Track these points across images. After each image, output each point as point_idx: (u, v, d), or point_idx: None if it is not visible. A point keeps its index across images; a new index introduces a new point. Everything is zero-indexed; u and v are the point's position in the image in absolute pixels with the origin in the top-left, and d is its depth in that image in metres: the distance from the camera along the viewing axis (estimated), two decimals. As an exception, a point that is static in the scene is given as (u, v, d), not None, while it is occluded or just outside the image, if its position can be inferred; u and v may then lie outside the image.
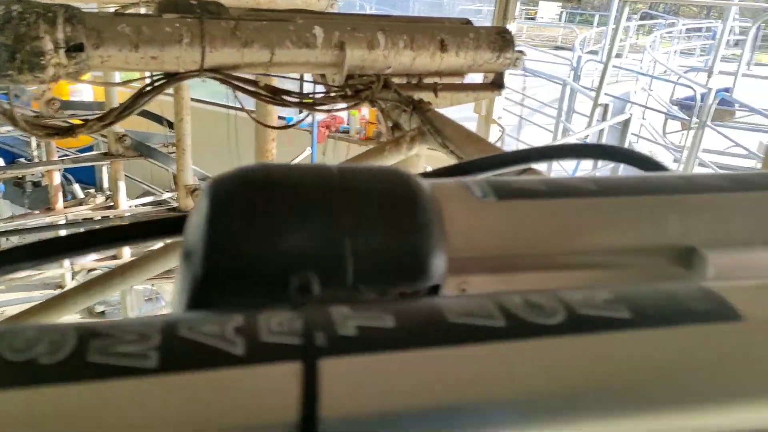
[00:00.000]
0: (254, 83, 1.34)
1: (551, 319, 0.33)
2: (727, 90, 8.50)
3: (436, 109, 1.53)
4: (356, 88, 1.45)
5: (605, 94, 8.14)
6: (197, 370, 0.27)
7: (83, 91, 5.05)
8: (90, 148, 4.96)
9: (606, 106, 5.83)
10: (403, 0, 11.92)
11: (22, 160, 5.31)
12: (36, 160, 4.48)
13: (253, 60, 1.32)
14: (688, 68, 10.95)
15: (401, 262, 0.42)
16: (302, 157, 5.23)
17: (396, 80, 1.57)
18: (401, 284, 0.41)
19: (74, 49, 1.13)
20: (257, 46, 1.30)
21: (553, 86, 8.71)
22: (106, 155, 3.21)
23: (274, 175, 0.44)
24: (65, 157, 3.72)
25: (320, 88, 1.49)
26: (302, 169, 0.46)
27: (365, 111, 5.46)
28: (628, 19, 13.79)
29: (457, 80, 1.64)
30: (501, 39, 1.53)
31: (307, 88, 1.55)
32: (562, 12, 16.96)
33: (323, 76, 1.53)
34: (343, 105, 1.45)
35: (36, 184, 4.41)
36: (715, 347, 0.34)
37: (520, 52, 1.60)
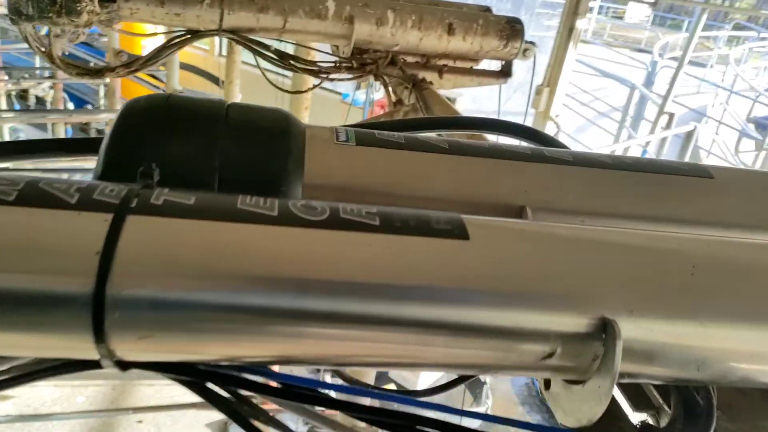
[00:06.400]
0: (266, 47, 1.47)
1: (317, 216, 0.43)
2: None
3: (440, 90, 1.61)
4: (363, 62, 1.55)
5: (678, 103, 7.81)
6: (39, 207, 0.39)
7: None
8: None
9: (671, 115, 5.63)
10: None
11: (88, 106, 5.75)
12: (102, 107, 4.88)
13: (267, 25, 1.44)
14: (774, 86, 10.30)
15: (261, 178, 0.54)
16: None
17: (410, 59, 1.66)
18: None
19: (107, -1, 1.29)
20: (272, 12, 1.42)
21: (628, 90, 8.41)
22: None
23: (173, 101, 0.56)
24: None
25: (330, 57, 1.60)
26: (197, 101, 0.58)
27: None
28: (719, 28, 13.06)
29: (468, 64, 1.71)
30: (510, 28, 1.59)
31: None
32: (652, 14, 16.21)
33: (337, 47, 1.63)
34: (349, 76, 1.55)
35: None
36: (439, 254, 0.43)
37: (531, 43, 1.65)
